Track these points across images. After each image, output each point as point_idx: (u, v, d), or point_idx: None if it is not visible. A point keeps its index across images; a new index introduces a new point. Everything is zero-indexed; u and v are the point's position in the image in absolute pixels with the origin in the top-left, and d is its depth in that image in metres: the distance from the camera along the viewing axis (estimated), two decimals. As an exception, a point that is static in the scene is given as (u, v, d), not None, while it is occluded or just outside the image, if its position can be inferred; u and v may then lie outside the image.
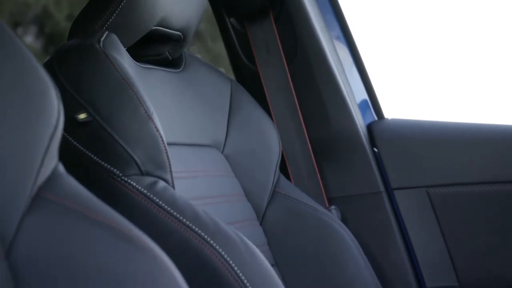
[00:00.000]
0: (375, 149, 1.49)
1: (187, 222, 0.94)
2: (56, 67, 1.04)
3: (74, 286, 0.62)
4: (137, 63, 1.21)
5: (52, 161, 0.69)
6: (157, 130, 1.00)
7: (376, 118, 1.59)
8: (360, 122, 1.51)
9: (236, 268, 0.92)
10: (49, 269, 0.62)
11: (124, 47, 1.15)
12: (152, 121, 1.00)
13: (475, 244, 1.38)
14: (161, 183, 1.00)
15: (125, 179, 0.97)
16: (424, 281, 1.42)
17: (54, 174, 0.68)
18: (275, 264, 1.30)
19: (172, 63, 1.33)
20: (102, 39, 1.08)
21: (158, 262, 0.65)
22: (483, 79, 1.73)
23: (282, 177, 1.41)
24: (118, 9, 1.14)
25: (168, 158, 1.02)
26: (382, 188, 1.46)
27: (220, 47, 1.72)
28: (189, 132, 1.27)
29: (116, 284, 0.62)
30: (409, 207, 1.45)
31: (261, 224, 1.34)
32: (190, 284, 0.67)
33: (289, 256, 1.30)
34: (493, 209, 1.36)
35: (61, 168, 0.70)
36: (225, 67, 1.53)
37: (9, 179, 0.64)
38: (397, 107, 1.64)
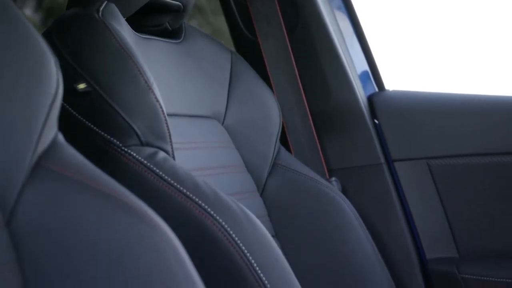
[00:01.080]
0: (375, 121, 1.49)
1: (187, 192, 0.94)
2: (55, 36, 1.03)
3: (74, 254, 0.62)
4: (137, 34, 1.20)
5: (52, 131, 0.68)
6: (157, 101, 1.00)
7: (377, 89, 1.58)
8: (361, 93, 1.50)
9: (236, 238, 0.92)
10: (49, 238, 0.62)
11: (124, 17, 1.14)
12: (152, 91, 0.99)
13: (475, 215, 1.38)
14: (161, 154, 0.99)
15: (125, 149, 0.97)
16: (424, 252, 1.43)
17: (53, 143, 0.68)
18: (275, 236, 1.30)
19: (172, 33, 1.32)
20: (101, 8, 1.07)
21: (159, 231, 0.65)
22: (485, 49, 1.72)
23: (283, 149, 1.41)
24: (117, -21, 1.13)
25: (168, 129, 1.02)
26: (382, 159, 1.46)
27: (220, 22, 1.71)
28: (189, 103, 1.26)
29: (117, 253, 0.62)
30: (410, 179, 1.45)
31: (261, 196, 1.34)
32: (190, 254, 0.67)
33: (289, 228, 1.31)
34: (493, 180, 1.36)
35: (60, 137, 0.70)
36: (226, 42, 1.52)
37: (8, 148, 0.63)
38: (398, 78, 1.63)
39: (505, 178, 1.34)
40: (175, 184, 0.95)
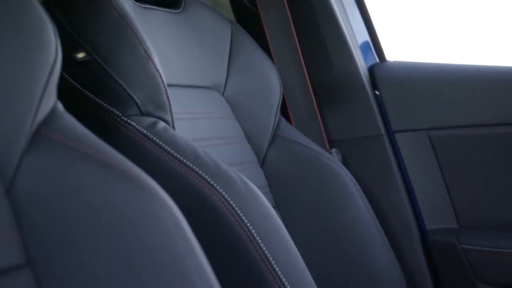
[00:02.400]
0: (376, 92, 1.48)
1: (188, 163, 0.94)
2: (54, 5, 1.02)
3: (73, 223, 0.62)
4: (136, 3, 1.19)
5: (51, 99, 0.68)
6: (157, 70, 0.99)
7: (378, 60, 1.58)
8: (362, 64, 1.49)
9: (237, 209, 0.92)
10: (49, 206, 0.62)
11: (123, -13, 1.13)
12: (152, 61, 0.99)
13: (475, 186, 1.38)
14: (161, 124, 0.99)
15: (125, 119, 0.96)
16: (424, 223, 1.43)
17: (53, 112, 0.68)
18: (275, 206, 1.31)
19: (172, 3, 1.31)
20: (100, -23, 1.06)
21: (159, 200, 0.65)
22: (487, 20, 1.71)
23: (283, 120, 1.41)
24: None
25: (168, 99, 1.01)
26: (383, 130, 1.46)
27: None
28: (189, 74, 1.26)
29: (117, 222, 0.62)
30: (410, 150, 1.45)
31: (261, 167, 1.34)
32: (190, 223, 0.67)
33: (290, 199, 1.31)
34: (494, 151, 1.36)
35: (60, 106, 0.70)
36: (225, 12, 1.51)
37: (7, 116, 0.63)
38: (399, 49, 1.62)
39: (506, 148, 1.34)
40: (175, 154, 0.95)
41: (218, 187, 0.92)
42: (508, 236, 1.31)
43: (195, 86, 1.26)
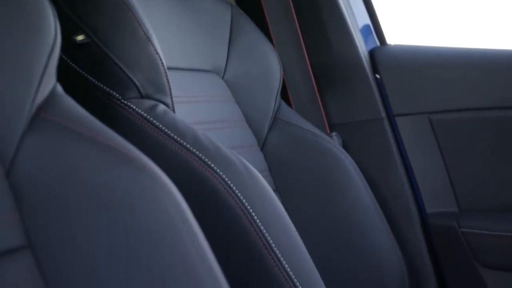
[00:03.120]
0: (377, 75, 1.48)
1: (187, 145, 0.94)
2: (53, -12, 1.01)
3: (72, 205, 0.62)
4: (135, -14, 1.18)
5: (51, 81, 0.68)
6: (157, 53, 0.99)
7: (378, 44, 1.57)
8: (362, 48, 1.49)
9: (237, 191, 0.91)
10: (49, 188, 0.62)
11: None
12: (152, 43, 0.98)
13: (476, 169, 1.38)
14: (161, 107, 0.98)
15: (125, 102, 0.96)
16: (424, 207, 1.43)
17: (52, 94, 0.68)
18: (275, 190, 1.31)
19: (171, -14, 1.30)
20: (100, -41, 1.05)
21: (159, 182, 0.65)
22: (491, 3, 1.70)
23: (283, 104, 1.41)
24: None
25: (168, 81, 1.01)
26: (383, 114, 1.46)
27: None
28: (189, 57, 1.25)
29: (117, 204, 0.62)
30: (411, 134, 1.45)
31: (261, 150, 1.34)
32: (190, 206, 0.67)
33: (290, 182, 1.31)
34: (494, 134, 1.35)
35: (59, 88, 0.70)
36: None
37: (7, 98, 0.63)
38: (400, 32, 1.62)
39: (507, 132, 1.34)
40: (175, 137, 0.94)
41: (218, 170, 0.92)
42: (508, 219, 1.31)
43: (195, 70, 1.26)
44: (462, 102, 1.38)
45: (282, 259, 0.90)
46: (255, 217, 0.91)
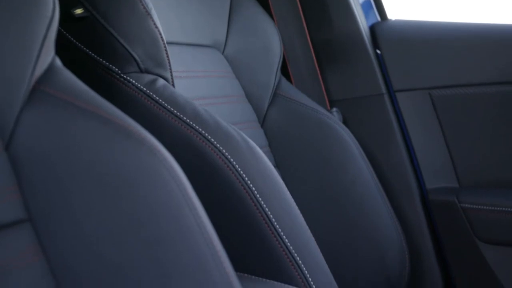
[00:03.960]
0: (377, 51, 1.47)
1: (188, 120, 0.93)
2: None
3: (71, 178, 0.61)
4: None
5: (49, 55, 0.67)
6: (156, 27, 0.98)
7: (379, 19, 1.56)
8: (363, 23, 1.48)
9: (237, 166, 0.91)
10: (49, 162, 0.62)
11: None
12: (151, 17, 0.97)
13: (476, 145, 1.38)
14: (161, 81, 0.98)
15: (124, 76, 0.96)
16: (424, 182, 1.43)
17: (51, 67, 0.67)
18: (276, 166, 1.31)
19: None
20: None
21: (159, 156, 0.64)
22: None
23: (284, 79, 1.40)
24: None
25: (167, 56, 1.00)
26: (384, 90, 1.45)
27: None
28: (188, 32, 1.24)
29: (115, 176, 0.62)
30: (411, 109, 1.44)
31: (262, 126, 1.33)
32: (190, 181, 0.67)
33: (290, 158, 1.31)
34: (495, 110, 1.35)
35: (58, 62, 0.69)
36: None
37: (5, 71, 0.62)
38: (401, 7, 1.60)
39: (508, 107, 1.33)
40: (175, 111, 0.94)
41: (218, 145, 0.92)
42: (508, 195, 1.31)
43: (194, 45, 1.25)
44: (463, 78, 1.37)
45: (282, 233, 0.90)
46: (255, 192, 0.91)
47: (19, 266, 0.58)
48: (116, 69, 0.96)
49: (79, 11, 0.94)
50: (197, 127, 0.93)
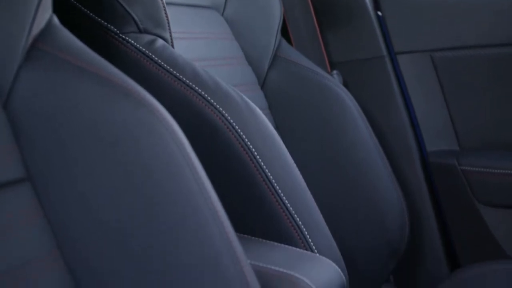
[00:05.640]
0: (378, 12, 1.46)
1: (187, 81, 0.93)
2: None
3: (70, 137, 0.61)
4: None
5: (46, 12, 0.66)
6: (155, -13, 0.97)
7: (380, -20, 1.54)
8: (364, -16, 1.46)
9: (237, 127, 0.91)
10: (47, 121, 0.61)
11: None
12: (149, -24, 0.96)
13: (477, 108, 1.37)
14: (160, 42, 0.97)
15: (123, 36, 0.94)
16: (425, 145, 1.43)
17: (49, 25, 0.66)
18: (276, 128, 1.30)
19: None
20: None
21: (159, 116, 0.64)
22: None
23: (284, 41, 1.39)
24: None
25: (167, 16, 0.99)
26: (385, 52, 1.44)
27: None
28: (188, -8, 1.23)
29: (114, 135, 0.61)
30: (412, 72, 1.43)
31: (262, 89, 1.33)
32: (189, 142, 0.67)
33: (290, 120, 1.30)
34: (497, 72, 1.34)
35: (56, 20, 0.68)
36: None
37: (2, 29, 0.61)
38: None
39: (509, 70, 1.32)
40: (174, 72, 0.93)
41: (218, 106, 0.91)
42: (508, 157, 1.31)
43: (193, 5, 1.24)
44: (464, 40, 1.36)
45: (282, 194, 0.90)
46: (255, 153, 0.90)
47: (19, 224, 0.58)
48: (115, 29, 0.94)
49: (76, -31, 0.93)
50: (196, 88, 0.92)
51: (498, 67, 1.34)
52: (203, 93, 0.92)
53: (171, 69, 0.93)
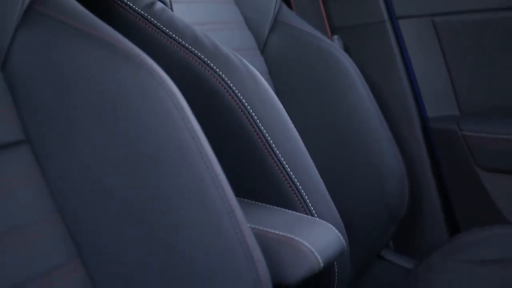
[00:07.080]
0: (380, -24, 1.44)
1: (186, 44, 0.92)
2: None
3: (69, 99, 0.61)
4: None
5: (44, -26, 0.66)
6: None
7: None
8: None
9: (237, 91, 0.90)
10: (46, 83, 0.61)
11: None
12: None
13: (478, 73, 1.36)
14: (159, 4, 0.96)
15: (121, -1, 0.94)
16: (425, 110, 1.42)
17: (46, -13, 0.66)
18: (276, 93, 1.29)
19: None
20: None
21: (158, 78, 0.64)
22: None
23: (284, 6, 1.37)
24: None
25: (165, -22, 0.98)
26: (386, 17, 1.43)
27: None
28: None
29: (113, 94, 0.61)
30: (413, 37, 1.42)
31: (262, 53, 1.32)
32: (189, 105, 0.66)
33: (290, 85, 1.29)
34: (498, 37, 1.33)
35: (53, -19, 0.67)
36: None
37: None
38: None
39: (510, 34, 1.31)
40: (174, 35, 0.92)
41: (217, 69, 0.90)
42: (509, 122, 1.31)
43: (193, -31, 1.22)
44: (466, 4, 1.35)
45: (282, 159, 0.90)
46: (256, 118, 0.90)
47: (19, 186, 0.58)
48: (113, -8, 0.94)
49: None
50: (196, 51, 0.92)
51: (500, 32, 1.32)
52: (202, 56, 0.91)
53: (171, 33, 0.93)
